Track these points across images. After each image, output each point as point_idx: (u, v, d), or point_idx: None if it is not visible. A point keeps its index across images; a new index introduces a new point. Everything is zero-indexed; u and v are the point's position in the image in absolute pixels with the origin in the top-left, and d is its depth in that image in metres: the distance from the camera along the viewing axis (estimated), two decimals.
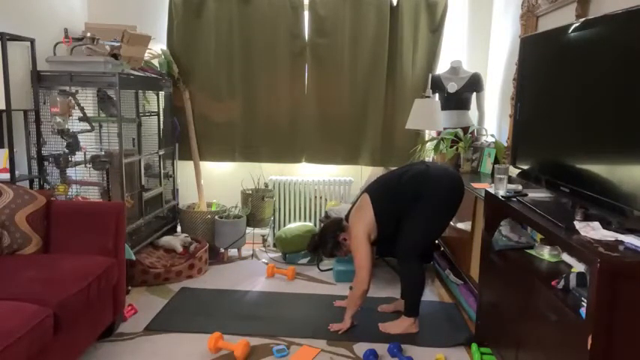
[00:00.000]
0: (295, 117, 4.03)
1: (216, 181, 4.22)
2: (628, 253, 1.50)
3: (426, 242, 2.71)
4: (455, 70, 3.75)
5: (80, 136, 3.14)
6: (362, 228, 2.66)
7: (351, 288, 2.79)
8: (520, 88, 2.53)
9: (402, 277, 2.70)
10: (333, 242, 2.79)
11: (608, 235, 1.65)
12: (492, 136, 3.55)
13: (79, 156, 3.16)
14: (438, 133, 3.79)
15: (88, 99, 3.17)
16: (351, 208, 2.84)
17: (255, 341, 2.55)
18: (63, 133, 3.02)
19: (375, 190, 2.75)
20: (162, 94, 3.75)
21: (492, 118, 3.75)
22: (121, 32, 3.07)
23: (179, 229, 3.99)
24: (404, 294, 2.71)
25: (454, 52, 4.01)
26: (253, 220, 3.93)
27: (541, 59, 2.27)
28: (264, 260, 3.84)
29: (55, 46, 3.28)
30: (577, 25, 1.96)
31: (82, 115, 3.12)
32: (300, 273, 3.56)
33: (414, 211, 2.63)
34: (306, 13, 3.90)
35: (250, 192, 3.98)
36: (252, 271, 3.59)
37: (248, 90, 3.98)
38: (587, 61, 1.88)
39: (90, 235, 2.51)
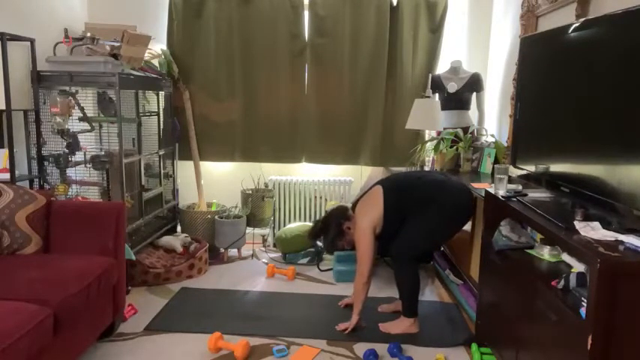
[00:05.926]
0: (295, 117, 4.03)
1: (216, 181, 4.22)
2: (628, 253, 1.50)
3: (422, 248, 2.70)
4: (455, 70, 3.75)
5: (80, 136, 3.14)
6: (369, 220, 2.64)
7: None
8: (520, 88, 2.52)
9: (396, 279, 2.69)
10: (336, 230, 2.76)
11: (608, 235, 1.65)
12: (492, 136, 3.55)
13: (79, 156, 3.16)
14: (438, 133, 3.79)
15: (88, 99, 3.17)
16: (359, 199, 2.83)
17: (255, 341, 2.55)
18: (63, 133, 3.03)
19: (389, 183, 2.74)
20: (162, 94, 3.75)
21: (492, 118, 3.75)
22: (121, 32, 3.07)
23: (179, 229, 3.99)
24: (400, 295, 2.71)
25: (454, 52, 4.01)
26: (253, 220, 3.93)
27: (541, 59, 2.27)
28: (264, 260, 3.84)
29: (55, 46, 3.28)
30: (577, 25, 1.96)
31: (82, 115, 3.12)
32: (300, 273, 3.56)
33: (420, 214, 2.63)
34: (306, 13, 3.90)
35: (250, 192, 3.98)
36: (252, 271, 3.59)
37: (248, 90, 3.98)
38: (587, 61, 1.88)
39: (90, 235, 2.51)
